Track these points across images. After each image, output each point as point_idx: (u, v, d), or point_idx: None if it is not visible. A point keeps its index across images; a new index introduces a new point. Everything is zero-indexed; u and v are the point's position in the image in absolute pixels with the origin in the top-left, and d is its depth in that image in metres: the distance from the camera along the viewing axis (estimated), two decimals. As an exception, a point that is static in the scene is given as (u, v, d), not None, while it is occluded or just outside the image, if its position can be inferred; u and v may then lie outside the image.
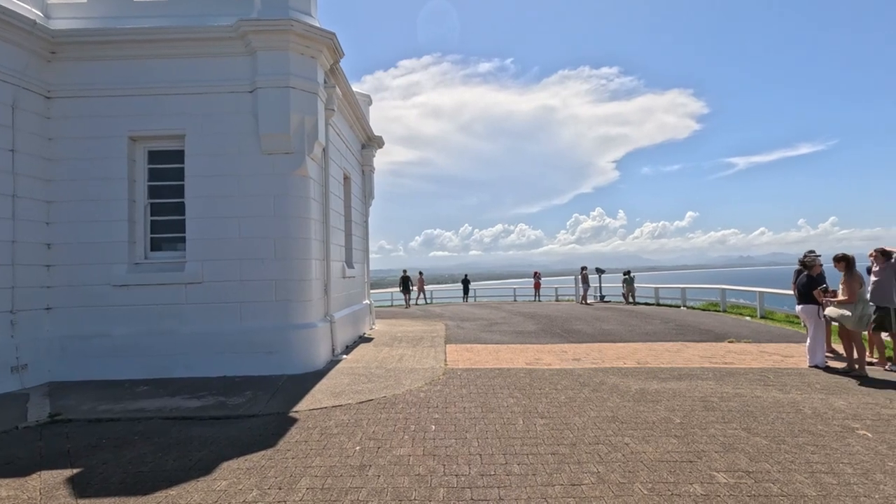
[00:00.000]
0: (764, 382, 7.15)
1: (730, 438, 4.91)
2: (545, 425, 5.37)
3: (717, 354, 9.35)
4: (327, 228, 9.57)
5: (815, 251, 8.73)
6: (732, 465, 4.26)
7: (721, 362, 8.60)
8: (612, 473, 4.13)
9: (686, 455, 4.49)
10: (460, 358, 9.29)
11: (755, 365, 8.36)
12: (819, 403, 6.08)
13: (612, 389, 6.83)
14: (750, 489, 3.82)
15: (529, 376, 7.67)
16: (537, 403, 6.20)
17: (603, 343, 10.92)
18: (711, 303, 19.68)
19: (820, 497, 3.69)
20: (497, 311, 19.67)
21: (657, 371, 7.95)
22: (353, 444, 4.90)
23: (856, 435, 5.00)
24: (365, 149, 14.27)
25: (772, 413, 5.71)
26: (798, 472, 4.11)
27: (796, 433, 5.05)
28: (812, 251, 8.75)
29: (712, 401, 6.22)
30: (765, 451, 4.58)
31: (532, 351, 10.01)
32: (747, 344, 10.51)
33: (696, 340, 11.08)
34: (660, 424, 5.35)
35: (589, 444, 4.79)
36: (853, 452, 4.54)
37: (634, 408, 5.96)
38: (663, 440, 4.88)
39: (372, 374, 7.98)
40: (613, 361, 8.81)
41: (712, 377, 7.48)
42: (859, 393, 6.58)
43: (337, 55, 9.11)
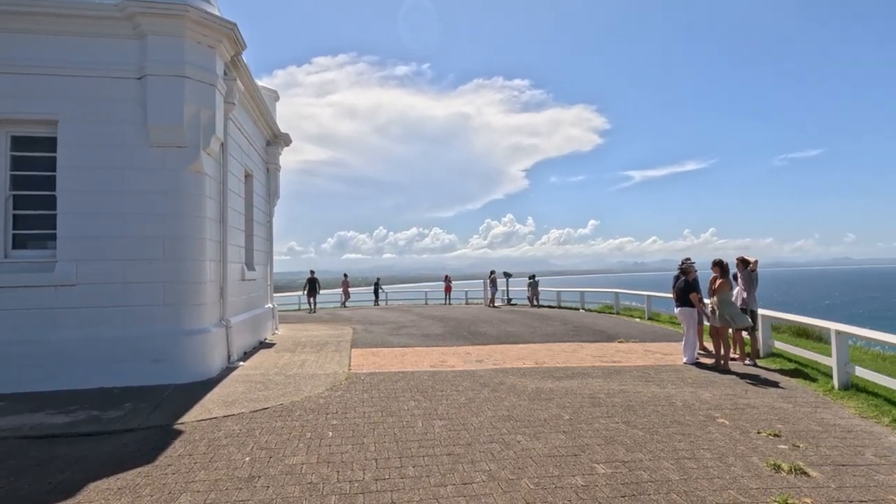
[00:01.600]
0: (645, 379, 7.79)
1: (612, 432, 5.29)
2: (443, 426, 5.46)
3: (607, 354, 10.04)
4: (225, 228, 9.05)
5: (691, 258, 9.68)
6: (611, 457, 4.59)
7: (610, 361, 9.25)
8: (502, 471, 4.29)
9: (572, 449, 4.78)
10: (365, 362, 9.19)
11: (639, 363, 9.08)
12: (689, 396, 6.73)
13: (511, 389, 7.09)
14: (624, 478, 4.14)
15: (433, 379, 7.76)
16: (438, 405, 6.29)
17: (506, 345, 11.31)
18: (607, 305, 21.11)
19: (682, 481, 4.09)
20: (407, 314, 19.70)
21: (553, 370, 8.38)
22: (243, 455, 4.66)
23: (716, 423, 5.60)
24: (270, 146, 13.70)
25: (649, 406, 6.23)
26: (666, 460, 4.52)
27: (668, 424, 5.56)
28: (688, 258, 9.69)
29: (599, 397, 6.67)
30: (640, 441, 4.99)
31: (437, 353, 10.14)
32: (635, 343, 11.40)
33: (591, 341, 11.83)
34: (551, 421, 5.64)
35: (484, 444, 4.94)
36: (712, 439, 5.07)
37: (529, 406, 6.24)
38: (553, 436, 5.15)
39: (270, 380, 7.66)
40: (514, 362, 9.16)
41: (601, 375, 8.02)
42: (723, 385, 7.38)
43: (238, 47, 8.68)
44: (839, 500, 3.78)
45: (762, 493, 3.87)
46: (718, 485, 4.01)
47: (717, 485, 4.01)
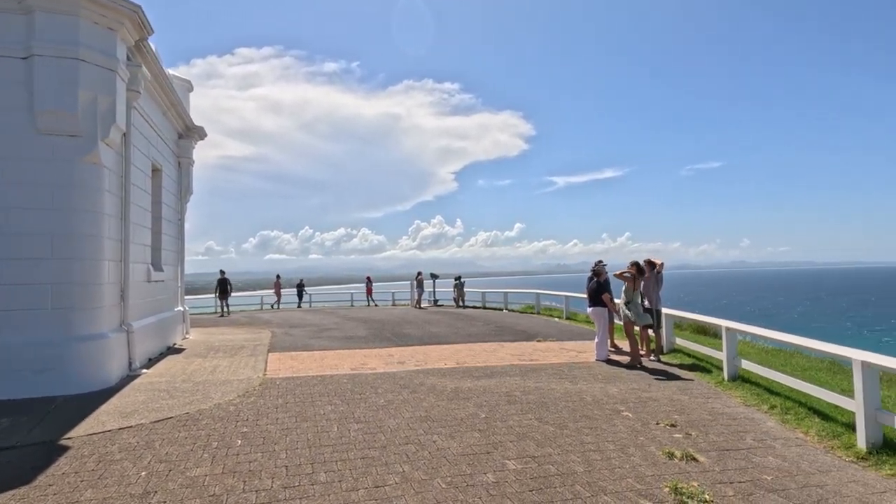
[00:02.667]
0: (560, 376, 8.11)
1: (524, 428, 5.46)
2: (359, 430, 5.38)
3: (526, 353, 10.36)
4: (127, 225, 8.39)
5: (604, 261, 10.21)
6: (522, 452, 4.73)
7: (528, 360, 9.55)
8: (416, 471, 4.29)
9: (485, 447, 4.87)
10: (282, 366, 8.86)
11: (555, 361, 9.45)
12: (598, 391, 7.09)
13: (430, 390, 7.13)
14: (533, 472, 4.28)
15: (352, 382, 7.63)
16: (355, 409, 6.18)
17: (429, 346, 11.36)
18: (529, 306, 21.79)
19: (586, 472, 4.29)
20: (331, 316, 19.26)
21: (473, 370, 8.52)
22: (139, 470, 4.33)
23: (621, 416, 5.93)
24: (182, 139, 12.88)
25: (561, 402, 6.49)
26: (573, 453, 4.73)
27: (577, 418, 5.82)
28: (601, 261, 10.21)
29: (515, 395, 6.86)
30: (550, 436, 5.19)
31: (359, 356, 9.99)
32: (552, 342, 11.85)
33: (511, 340, 12.15)
34: (467, 420, 5.72)
35: (399, 445, 4.91)
36: (617, 431, 5.37)
37: (447, 406, 6.30)
38: (468, 435, 5.23)
39: (176, 388, 7.19)
40: (436, 363, 9.21)
41: (519, 374, 8.26)
42: (629, 380, 7.84)
43: (144, 31, 8.09)
44: (722, 481, 4.13)
45: (656, 479, 4.15)
46: (618, 474, 4.25)
47: (618, 474, 4.25)
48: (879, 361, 4.81)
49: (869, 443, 4.74)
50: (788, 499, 3.84)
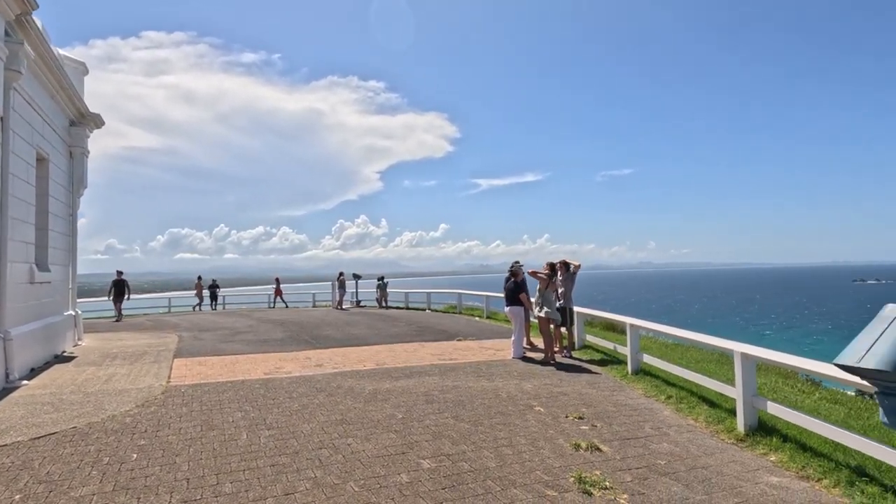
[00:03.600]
0: (478, 374, 8.28)
1: (441, 427, 5.51)
2: (271, 436, 5.18)
3: (446, 352, 10.48)
4: (4, 221, 7.51)
5: (521, 261, 10.55)
6: (437, 451, 4.78)
7: (448, 359, 9.66)
8: (328, 476, 4.20)
9: (401, 448, 4.87)
10: (189, 373, 8.33)
11: (474, 359, 9.63)
12: (513, 388, 7.32)
13: (348, 392, 7.01)
14: (447, 470, 4.33)
15: (265, 387, 7.33)
16: (267, 414, 5.95)
17: (349, 347, 11.17)
18: (451, 306, 22.06)
19: (498, 467, 4.41)
20: (245, 319, 18.39)
21: (392, 371, 8.49)
22: (12, 493, 3.89)
23: (534, 411, 6.16)
24: (75, 126, 11.74)
25: (478, 400, 6.63)
26: (486, 449, 4.84)
27: (492, 415, 5.97)
28: (518, 262, 10.55)
29: (434, 394, 6.92)
30: (466, 434, 5.28)
31: (274, 360, 9.62)
32: (472, 341, 12.07)
33: (432, 340, 12.24)
34: (384, 421, 5.69)
35: (312, 450, 4.79)
36: (529, 426, 5.57)
37: (364, 408, 6.22)
38: (384, 436, 5.19)
39: (63, 400, 6.54)
40: (354, 364, 9.08)
41: (438, 373, 8.33)
42: (543, 376, 8.16)
43: (26, 5, 7.29)
44: (622, 469, 4.40)
45: (563, 470, 4.35)
46: (528, 467, 4.41)
47: (527, 467, 4.41)
48: (756, 353, 5.36)
49: (747, 426, 5.27)
50: (678, 480, 4.17)
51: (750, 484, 4.13)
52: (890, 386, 2.76)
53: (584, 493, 3.91)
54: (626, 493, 3.92)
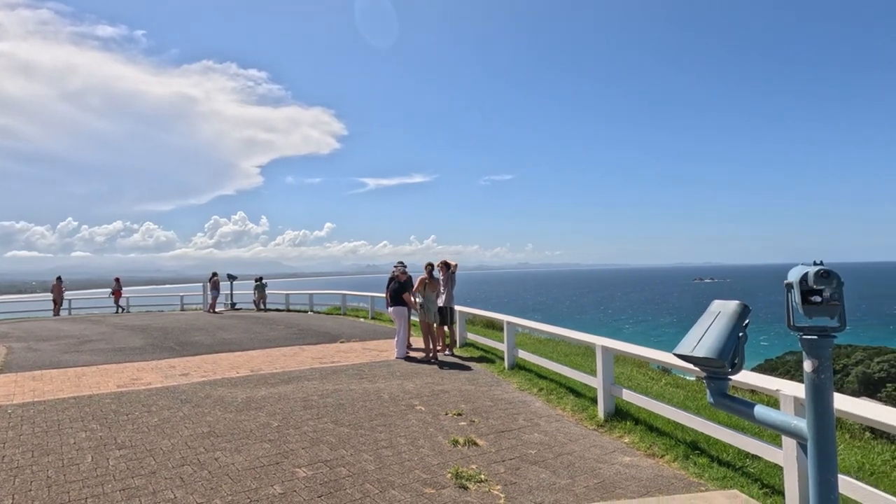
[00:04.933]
0: (360, 376, 8.15)
1: (319, 433, 5.33)
2: (123, 457, 4.62)
3: (328, 355, 10.18)
4: None
5: (404, 263, 10.60)
6: (315, 458, 4.61)
7: (329, 362, 9.40)
8: (191, 495, 3.85)
9: (275, 457, 4.62)
10: (19, 390, 7.16)
11: (357, 361, 9.48)
12: (396, 388, 7.32)
13: (217, 402, 6.50)
14: (324, 477, 4.20)
15: (118, 401, 6.54)
16: (119, 432, 5.31)
17: (220, 353, 10.38)
18: (335, 307, 21.52)
19: (377, 469, 4.37)
20: (97, 325, 16.28)
21: (269, 377, 8.04)
22: None
23: (415, 410, 6.21)
24: None
25: (359, 402, 6.53)
26: (366, 452, 4.78)
27: (373, 417, 5.91)
28: (401, 262, 10.59)
29: (313, 399, 6.68)
30: (345, 438, 5.16)
31: (131, 370, 8.62)
32: (355, 343, 11.87)
33: (314, 343, 11.82)
34: (257, 431, 5.36)
35: (173, 468, 4.36)
36: (409, 426, 5.60)
37: (236, 418, 5.81)
38: (256, 447, 4.90)
39: None
40: (226, 372, 8.45)
41: (318, 377, 8.06)
42: (426, 375, 8.26)
43: None
44: (496, 461, 4.60)
45: (441, 467, 4.43)
46: (407, 467, 4.43)
47: (407, 467, 4.43)
48: (614, 346, 5.93)
49: (606, 412, 5.80)
50: (546, 467, 4.47)
51: (607, 465, 4.55)
52: (716, 371, 3.18)
53: (461, 488, 4.02)
54: (499, 485, 4.10)
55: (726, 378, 3.23)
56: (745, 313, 3.07)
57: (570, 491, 4.00)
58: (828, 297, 2.44)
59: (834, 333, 2.52)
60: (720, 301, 3.23)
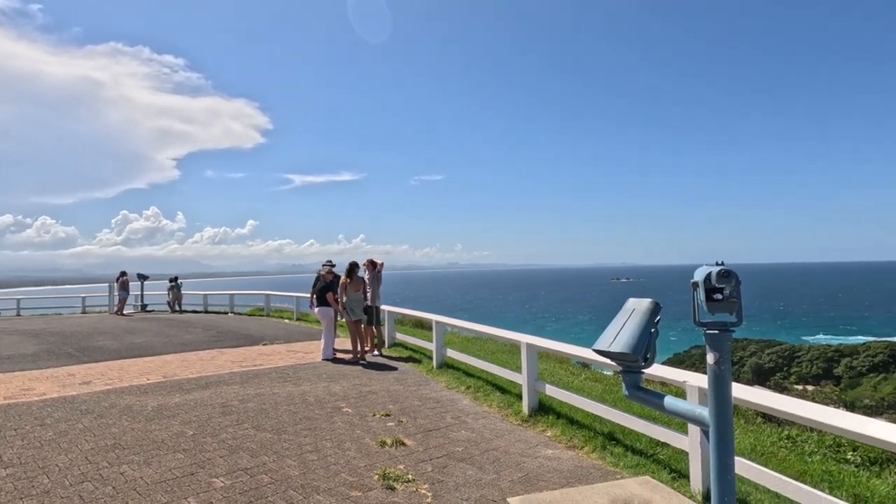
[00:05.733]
0: (284, 379, 7.87)
1: (239, 440, 5.08)
2: (9, 476, 4.16)
3: (249, 358, 9.74)
4: None
5: (332, 261, 10.37)
6: (234, 466, 4.39)
7: (251, 365, 9.00)
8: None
9: (190, 468, 4.35)
10: None
11: (281, 363, 9.14)
12: (322, 391, 7.14)
13: (124, 412, 6.02)
14: (244, 486, 4.01)
15: (4, 415, 5.88)
16: (6, 449, 4.77)
17: (128, 359, 9.63)
18: (258, 308, 20.64)
19: (301, 475, 4.24)
20: (-20, 330, 14.55)
21: (184, 382, 7.56)
22: None
23: (342, 413, 6.08)
24: None
25: (283, 406, 6.30)
26: (290, 458, 4.61)
27: (298, 421, 5.72)
28: (329, 261, 10.35)
29: (232, 405, 6.36)
30: (267, 444, 4.96)
31: (20, 380, 7.78)
32: (279, 345, 11.45)
33: (234, 346, 11.28)
34: (170, 441, 5.02)
35: (71, 486, 3.98)
36: (335, 428, 5.48)
37: (145, 428, 5.41)
38: (169, 458, 4.58)
39: None
40: (135, 379, 7.85)
41: (239, 381, 7.69)
42: (353, 377, 8.12)
43: None
44: (424, 460, 4.61)
45: (368, 469, 4.37)
46: (333, 470, 4.33)
47: (332, 471, 4.33)
48: (538, 343, 6.14)
49: (530, 408, 5.98)
50: (473, 464, 4.53)
51: (530, 458, 4.69)
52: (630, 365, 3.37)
53: (388, 489, 3.99)
54: (427, 483, 4.11)
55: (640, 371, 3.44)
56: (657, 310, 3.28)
57: (496, 486, 4.08)
58: (728, 294, 2.66)
59: (733, 328, 2.75)
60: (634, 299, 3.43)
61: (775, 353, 55.97)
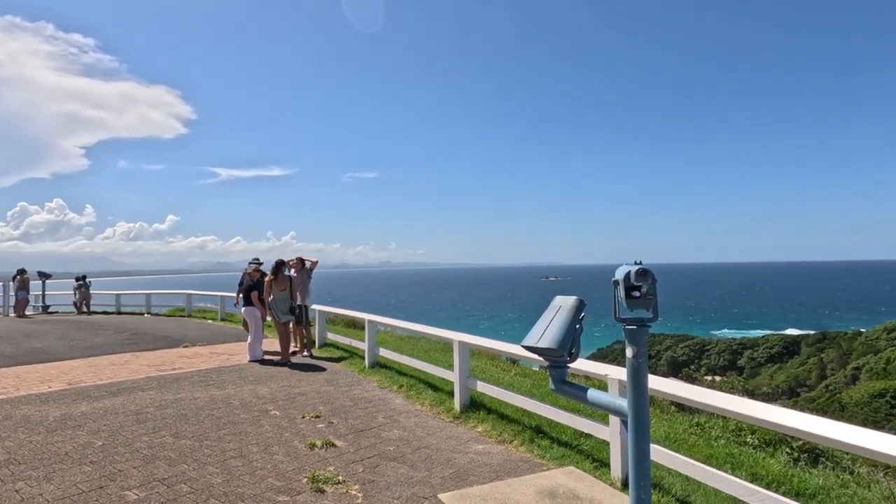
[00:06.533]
0: (206, 383, 7.48)
1: (155, 448, 4.78)
2: None
3: (168, 361, 9.17)
4: None
5: (259, 259, 9.96)
6: (149, 477, 4.12)
7: (170, 369, 8.48)
8: (-19, 538, 3.19)
9: (99, 481, 4.03)
10: None
11: (203, 367, 8.68)
12: (248, 394, 6.85)
13: (21, 423, 5.48)
14: (161, 497, 3.77)
15: None
16: None
17: (27, 365, 8.78)
18: (179, 308, 19.50)
19: (224, 482, 4.05)
20: None
21: (91, 389, 7.00)
22: None
23: (269, 416, 5.87)
24: None
25: (204, 412, 5.98)
26: (212, 465, 4.39)
27: (221, 426, 5.46)
28: (256, 258, 9.95)
29: (148, 412, 5.96)
30: (187, 452, 4.69)
31: None
32: (202, 347, 10.87)
33: (151, 349, 10.58)
34: (75, 453, 4.63)
35: (-45, 508, 3.57)
36: (262, 432, 5.28)
37: (46, 440, 4.95)
38: (74, 471, 4.22)
39: None
40: (34, 387, 7.17)
41: (156, 386, 7.23)
42: (282, 378, 7.86)
43: None
44: (355, 461, 4.55)
45: (296, 472, 4.25)
46: (259, 476, 4.17)
47: (258, 476, 4.17)
48: (470, 340, 6.23)
49: (461, 404, 6.07)
50: (405, 463, 4.53)
51: (461, 454, 4.75)
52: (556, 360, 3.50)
53: (317, 492, 3.90)
54: (357, 484, 4.06)
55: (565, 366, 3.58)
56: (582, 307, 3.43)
57: (427, 483, 4.10)
58: (645, 292, 2.84)
59: (650, 323, 2.93)
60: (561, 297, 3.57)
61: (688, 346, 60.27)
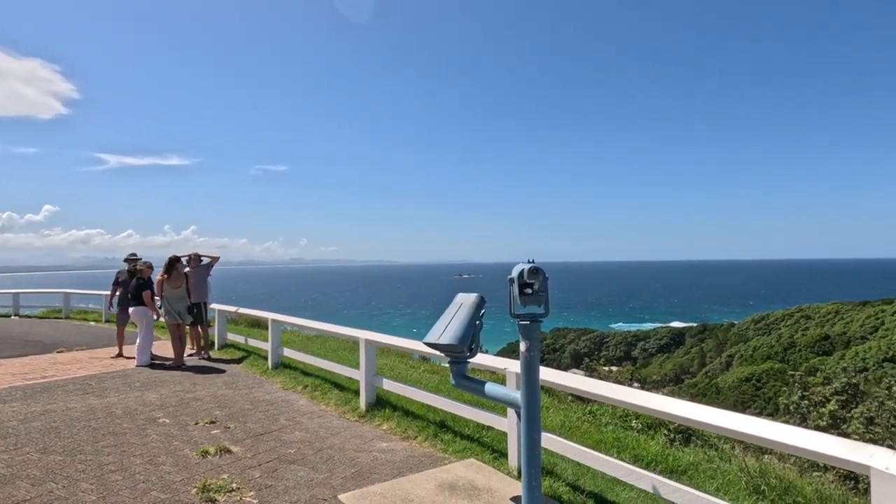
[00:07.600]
0: (84, 391, 6.79)
1: (17, 467, 4.25)
2: None
3: (37, 368, 8.20)
4: None
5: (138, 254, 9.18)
6: (8, 499, 3.66)
7: (40, 377, 7.58)
8: None
9: (-59, 508, 3.52)
10: None
11: (81, 373, 7.86)
12: (133, 401, 6.31)
13: None
14: (21, 521, 3.37)
15: None
16: None
17: None
18: (55, 309, 17.51)
19: (100, 499, 3.70)
20: None
21: (-62, 404, 6.08)
22: None
23: (157, 424, 5.45)
24: None
25: (80, 423, 5.42)
26: (86, 481, 3.99)
27: (100, 438, 4.98)
28: (134, 254, 9.19)
29: (10, 426, 5.29)
30: (56, 468, 4.23)
31: None
32: (80, 352, 9.85)
33: (17, 355, 9.40)
34: (-88, 478, 4.00)
35: None
36: (148, 442, 4.89)
37: None
38: None
39: None
40: None
41: (21, 397, 6.43)
42: (174, 383, 7.32)
43: None
44: (251, 466, 4.35)
45: (186, 482, 3.99)
46: (142, 489, 3.86)
47: (141, 490, 3.85)
48: (377, 339, 6.19)
49: (367, 403, 6.01)
50: (305, 465, 4.41)
51: (365, 453, 4.72)
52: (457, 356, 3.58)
53: (208, 502, 3.68)
54: (253, 490, 3.88)
55: (466, 361, 3.67)
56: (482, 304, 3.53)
57: (328, 484, 4.03)
58: (537, 289, 2.99)
59: (541, 319, 3.09)
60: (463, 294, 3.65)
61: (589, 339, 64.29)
